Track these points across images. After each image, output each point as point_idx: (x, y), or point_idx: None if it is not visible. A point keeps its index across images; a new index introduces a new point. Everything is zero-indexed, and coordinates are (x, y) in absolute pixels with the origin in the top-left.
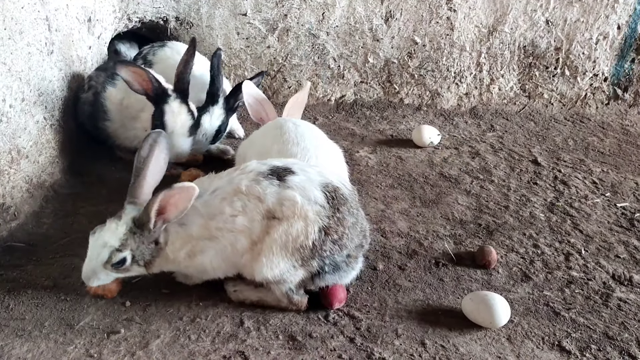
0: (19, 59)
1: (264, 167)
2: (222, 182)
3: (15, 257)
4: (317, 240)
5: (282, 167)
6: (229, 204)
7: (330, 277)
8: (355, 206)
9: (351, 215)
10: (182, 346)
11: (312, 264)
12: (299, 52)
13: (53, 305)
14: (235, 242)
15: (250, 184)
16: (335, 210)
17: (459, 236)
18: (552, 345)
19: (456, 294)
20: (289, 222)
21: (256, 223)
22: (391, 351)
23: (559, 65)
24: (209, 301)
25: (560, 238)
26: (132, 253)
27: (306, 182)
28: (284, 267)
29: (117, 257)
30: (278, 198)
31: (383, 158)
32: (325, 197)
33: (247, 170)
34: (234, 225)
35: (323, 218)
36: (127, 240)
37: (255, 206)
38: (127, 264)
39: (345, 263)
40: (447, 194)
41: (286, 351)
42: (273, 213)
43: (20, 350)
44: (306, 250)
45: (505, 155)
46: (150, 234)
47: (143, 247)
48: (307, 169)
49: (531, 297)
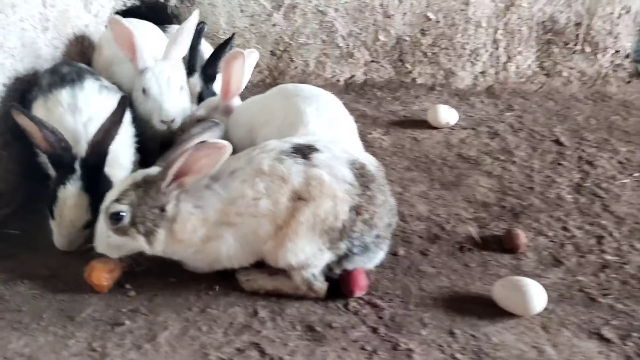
0: (12, 35)
1: (286, 145)
2: (241, 163)
3: (10, 245)
4: (347, 220)
5: (305, 144)
6: (251, 186)
7: (358, 258)
8: (383, 183)
9: (381, 193)
10: (192, 338)
11: (340, 246)
12: (306, 30)
13: (52, 296)
14: (258, 228)
15: (273, 163)
16: (365, 188)
17: (483, 219)
18: (591, 333)
19: (484, 280)
20: (317, 202)
21: (281, 205)
22: (418, 342)
23: (578, 42)
24: (220, 290)
25: (590, 220)
26: (131, 210)
27: (332, 160)
28: (309, 251)
29: (114, 208)
30: (304, 177)
31: (397, 139)
32: (353, 174)
33: (268, 149)
34: (257, 210)
35: (353, 197)
36: (127, 192)
37: (280, 187)
38: (124, 222)
39: (374, 244)
40: (467, 175)
41: (304, 342)
42: (299, 194)
43: (17, 344)
44: (335, 231)
45: (526, 135)
46: (159, 195)
47: (145, 208)
48: (331, 146)
49: (564, 282)
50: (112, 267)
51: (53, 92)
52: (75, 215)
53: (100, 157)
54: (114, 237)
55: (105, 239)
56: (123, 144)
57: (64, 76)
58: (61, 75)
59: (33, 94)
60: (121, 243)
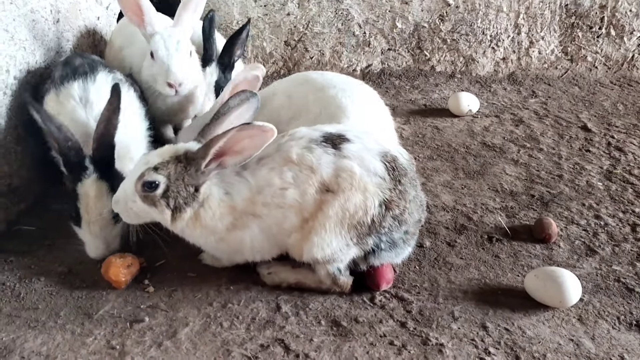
0: (22, 27)
1: (316, 134)
2: (269, 150)
3: (25, 242)
4: (376, 215)
5: (335, 133)
6: (279, 174)
7: (385, 254)
8: (415, 177)
9: (412, 188)
10: (213, 334)
11: (367, 241)
12: (321, 18)
13: (68, 293)
14: (284, 220)
15: (302, 152)
16: (397, 183)
17: (512, 208)
18: (630, 325)
19: (515, 272)
20: (346, 195)
21: (308, 197)
22: (449, 336)
23: (603, 25)
24: (240, 284)
25: (623, 208)
26: (167, 182)
27: (364, 151)
28: (336, 245)
29: (150, 176)
30: (334, 169)
31: (418, 129)
32: (385, 167)
33: (297, 137)
34: (284, 200)
35: (384, 191)
36: (167, 165)
37: (308, 177)
38: (157, 191)
39: (402, 240)
40: (493, 164)
41: (330, 338)
42: (327, 186)
43: (34, 342)
44: (364, 227)
45: (552, 122)
46: (197, 174)
47: (181, 184)
48: (363, 136)
49: (599, 272)
50: (129, 262)
51: (65, 85)
52: (100, 204)
53: (108, 149)
54: (139, 204)
55: (127, 202)
56: (135, 138)
57: (76, 68)
58: (73, 68)
59: (45, 87)
60: (143, 211)
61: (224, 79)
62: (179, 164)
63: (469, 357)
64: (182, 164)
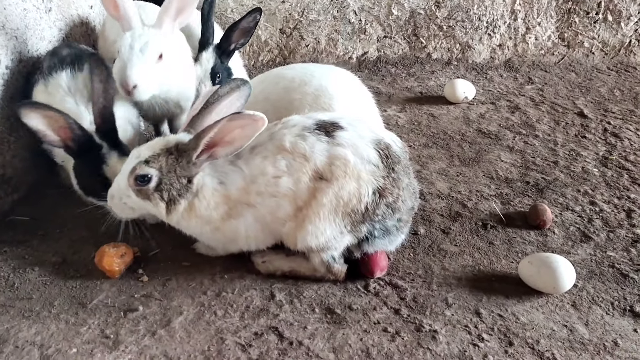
0: (14, 16)
1: (309, 122)
2: (262, 138)
3: (19, 232)
4: (370, 203)
5: (329, 121)
6: (272, 163)
7: (379, 242)
8: (408, 165)
9: (406, 175)
10: (207, 323)
11: (361, 229)
12: (317, 6)
13: (62, 283)
14: (277, 209)
15: (295, 140)
16: (390, 170)
17: (506, 195)
18: (624, 310)
19: (509, 258)
20: (340, 183)
21: (302, 185)
22: (442, 322)
23: (600, 10)
24: (234, 273)
25: (618, 194)
26: (159, 175)
27: (357, 139)
28: (330, 234)
29: (142, 169)
30: (327, 156)
31: (414, 116)
32: (378, 155)
33: (290, 125)
34: (277, 189)
35: (378, 179)
36: (159, 157)
37: (301, 165)
38: (150, 184)
39: (395, 227)
40: (488, 151)
41: (324, 325)
42: (321, 174)
43: (28, 332)
44: (358, 214)
45: (548, 108)
46: (189, 165)
47: (173, 176)
48: (356, 124)
49: (594, 258)
50: (123, 252)
51: (53, 75)
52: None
53: (112, 121)
54: (133, 198)
55: (122, 197)
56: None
57: (63, 58)
58: (61, 58)
59: (35, 78)
60: (138, 206)
61: (221, 65)
62: (170, 156)
63: (462, 343)
64: (173, 155)
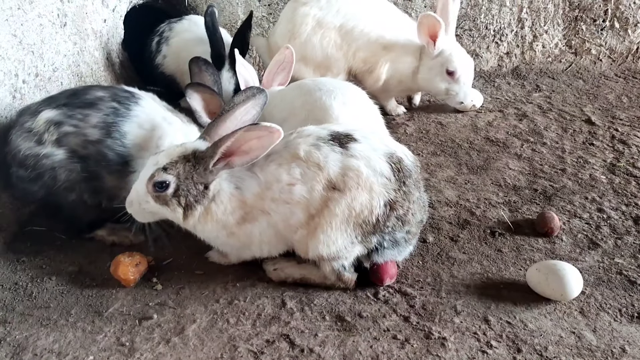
0: (30, 31)
1: (323, 132)
2: (278, 147)
3: (37, 242)
4: (381, 215)
5: (343, 132)
6: (287, 170)
7: (388, 252)
8: (419, 179)
9: (416, 189)
10: (220, 331)
11: (371, 239)
12: None
13: (79, 292)
14: (290, 216)
15: (310, 149)
16: (402, 184)
17: (514, 203)
18: (632, 317)
19: (518, 265)
20: (352, 194)
21: (315, 194)
22: (451, 330)
23: (607, 18)
24: (246, 281)
25: (626, 201)
26: (177, 182)
27: (370, 152)
28: (341, 243)
29: (160, 176)
30: (341, 167)
31: (422, 124)
32: (390, 168)
33: (305, 134)
34: (291, 196)
35: (389, 191)
36: (176, 165)
37: (315, 174)
38: (168, 191)
39: (404, 239)
40: (496, 159)
41: (335, 333)
42: (334, 183)
43: (46, 340)
44: (369, 225)
45: (555, 115)
46: (206, 173)
47: (190, 183)
48: (370, 137)
49: (601, 265)
50: (137, 261)
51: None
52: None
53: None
54: (151, 204)
55: (141, 203)
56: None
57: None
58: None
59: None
60: (156, 211)
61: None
62: (188, 163)
63: (471, 350)
64: (190, 163)
